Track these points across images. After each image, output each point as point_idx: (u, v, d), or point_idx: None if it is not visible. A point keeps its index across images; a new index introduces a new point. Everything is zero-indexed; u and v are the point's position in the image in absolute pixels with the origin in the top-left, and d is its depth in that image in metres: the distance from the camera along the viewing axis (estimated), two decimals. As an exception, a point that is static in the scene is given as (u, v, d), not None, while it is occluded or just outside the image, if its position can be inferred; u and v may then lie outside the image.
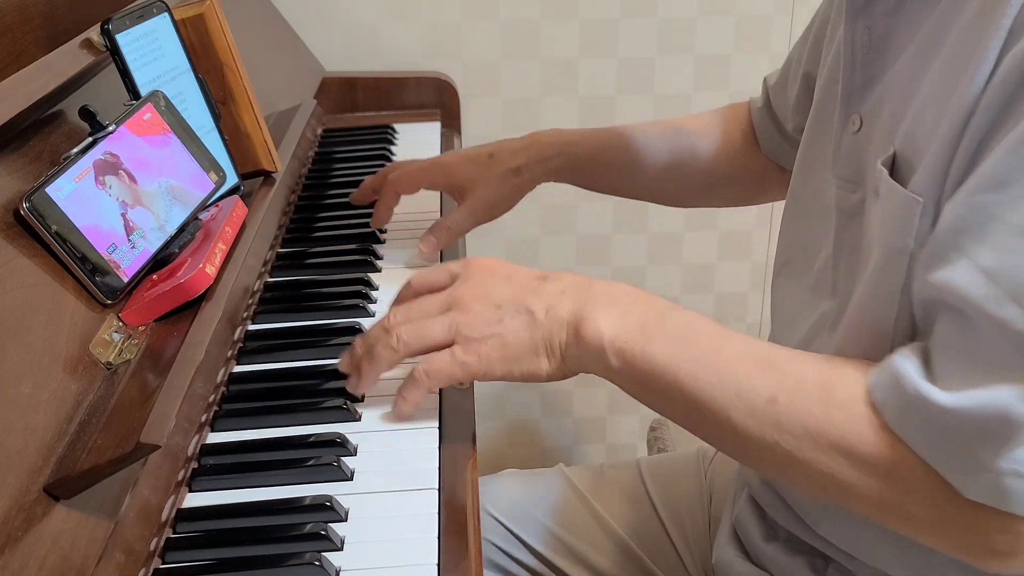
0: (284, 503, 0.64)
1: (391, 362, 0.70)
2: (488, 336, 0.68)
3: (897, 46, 0.67)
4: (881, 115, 0.67)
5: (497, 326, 0.68)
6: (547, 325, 0.68)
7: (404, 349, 0.69)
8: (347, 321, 0.86)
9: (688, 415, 0.66)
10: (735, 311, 1.72)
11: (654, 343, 0.65)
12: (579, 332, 0.66)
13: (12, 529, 0.51)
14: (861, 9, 0.68)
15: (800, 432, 0.60)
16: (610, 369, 0.66)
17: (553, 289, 0.69)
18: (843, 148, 0.72)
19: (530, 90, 1.53)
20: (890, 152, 0.64)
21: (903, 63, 0.66)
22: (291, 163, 1.07)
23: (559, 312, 0.68)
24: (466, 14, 1.48)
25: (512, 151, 1.00)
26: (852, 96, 0.71)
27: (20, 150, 0.68)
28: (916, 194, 0.59)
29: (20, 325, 0.59)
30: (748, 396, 0.62)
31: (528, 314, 0.68)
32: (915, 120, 0.62)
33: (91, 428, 0.59)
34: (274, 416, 0.74)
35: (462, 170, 1.00)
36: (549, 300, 0.68)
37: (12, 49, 0.73)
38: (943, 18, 0.62)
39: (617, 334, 0.66)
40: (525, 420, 1.77)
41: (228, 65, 0.88)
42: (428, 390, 0.70)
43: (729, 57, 1.54)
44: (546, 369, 0.68)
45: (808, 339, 0.77)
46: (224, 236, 0.77)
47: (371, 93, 1.43)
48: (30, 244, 0.63)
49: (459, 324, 0.68)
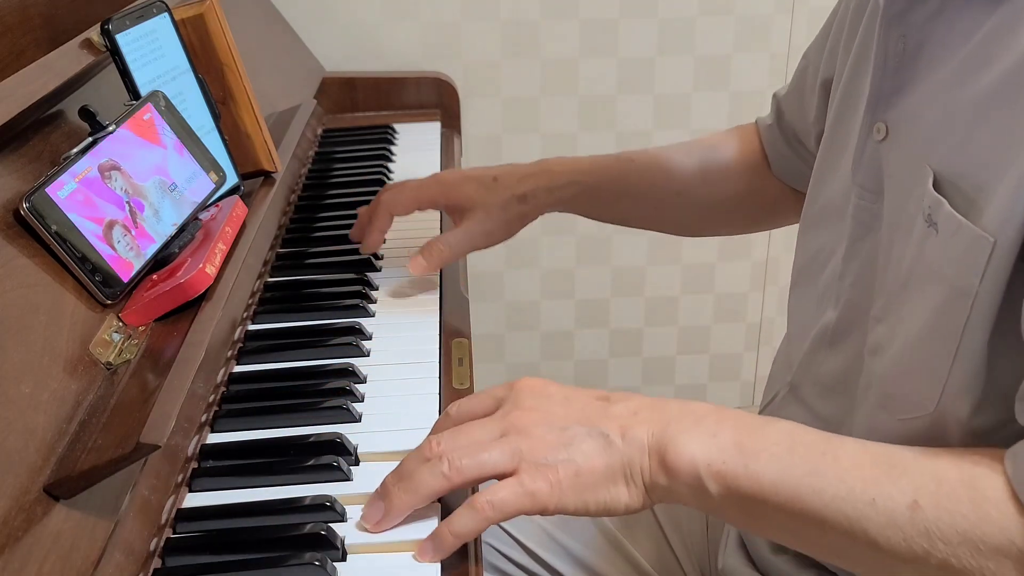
0: (284, 503, 0.64)
1: (437, 492, 0.60)
2: (559, 461, 0.59)
3: (932, 55, 0.64)
4: (912, 127, 0.65)
5: (567, 450, 0.59)
6: (625, 450, 0.60)
7: (458, 477, 0.59)
8: (347, 321, 0.86)
9: (811, 536, 0.59)
10: (735, 311, 1.72)
11: (758, 460, 0.58)
12: (666, 460, 0.59)
13: (12, 529, 0.51)
14: (897, 16, 0.65)
15: (955, 539, 0.54)
16: (708, 497, 0.59)
17: (623, 410, 0.62)
18: (866, 156, 0.69)
19: (530, 90, 1.53)
20: (929, 175, 0.61)
21: (943, 77, 0.63)
22: (291, 163, 1.07)
23: (637, 435, 0.60)
24: (466, 14, 1.48)
25: (519, 176, 0.94)
26: (879, 103, 0.68)
27: (20, 150, 0.68)
28: (987, 233, 0.56)
29: (20, 325, 0.59)
30: (885, 505, 0.56)
31: (602, 437, 0.60)
32: (964, 143, 0.59)
33: (91, 428, 0.59)
34: (274, 416, 0.74)
35: (463, 189, 0.92)
36: (623, 421, 0.61)
37: (12, 49, 0.73)
38: (995, 33, 0.58)
39: (712, 456, 0.59)
40: (525, 420, 1.77)
41: (228, 65, 0.88)
42: (488, 524, 0.59)
43: (729, 57, 1.54)
44: (625, 500, 0.60)
45: (813, 351, 0.76)
46: (224, 236, 0.77)
47: (371, 93, 1.43)
48: (30, 244, 0.63)
49: (523, 450, 0.59)
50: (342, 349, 0.82)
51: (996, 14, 0.59)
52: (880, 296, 0.68)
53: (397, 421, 0.74)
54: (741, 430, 0.60)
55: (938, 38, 0.64)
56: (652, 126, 1.57)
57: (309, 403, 0.75)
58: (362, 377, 0.79)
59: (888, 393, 0.66)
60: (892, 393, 0.66)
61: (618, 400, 0.63)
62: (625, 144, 1.57)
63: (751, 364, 1.77)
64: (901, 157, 0.66)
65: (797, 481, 0.58)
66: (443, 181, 0.94)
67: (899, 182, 0.66)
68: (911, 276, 0.64)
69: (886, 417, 0.66)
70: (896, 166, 0.66)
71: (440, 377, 0.80)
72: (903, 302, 0.65)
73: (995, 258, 0.56)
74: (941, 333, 0.60)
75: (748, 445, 0.59)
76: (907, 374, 0.63)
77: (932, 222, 0.60)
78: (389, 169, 1.23)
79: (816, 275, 0.77)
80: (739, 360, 1.76)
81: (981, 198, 0.57)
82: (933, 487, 0.56)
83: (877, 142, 0.68)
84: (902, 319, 0.65)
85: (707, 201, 0.99)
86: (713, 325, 1.73)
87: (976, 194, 0.58)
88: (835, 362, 0.73)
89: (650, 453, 0.60)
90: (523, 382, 0.64)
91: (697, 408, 0.62)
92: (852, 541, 0.57)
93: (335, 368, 0.79)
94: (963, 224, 0.58)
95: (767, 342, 1.75)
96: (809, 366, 0.77)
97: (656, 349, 1.73)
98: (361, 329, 0.85)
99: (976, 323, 0.58)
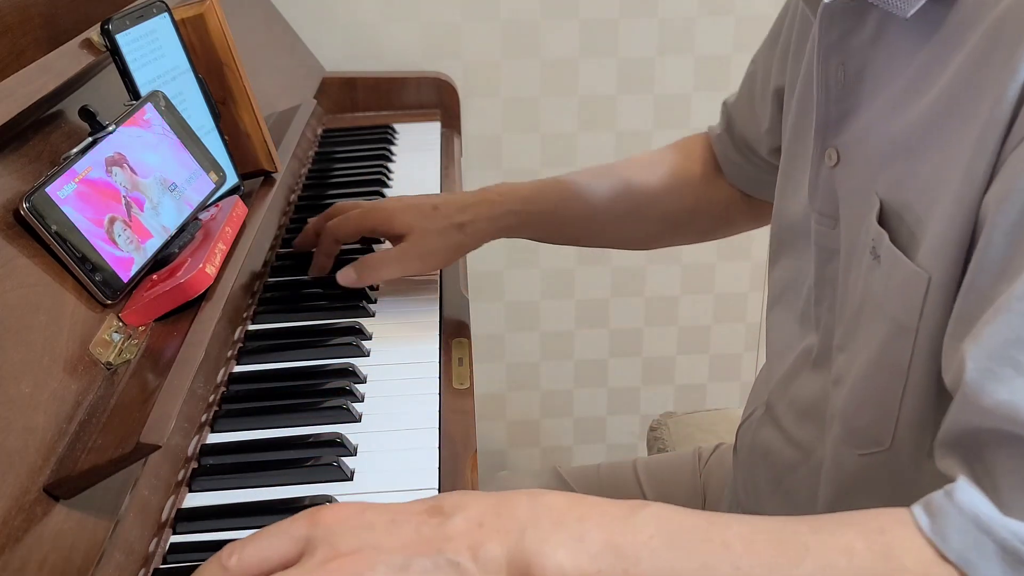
0: (284, 503, 0.65)
1: None
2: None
3: (875, 81, 0.63)
4: (860, 153, 0.64)
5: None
6: (480, 575, 0.49)
7: None
8: (347, 321, 0.86)
9: None
10: (735, 311, 1.72)
11: (639, 563, 0.50)
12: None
13: (12, 529, 0.51)
14: (835, 45, 0.65)
15: None
16: None
17: (464, 524, 0.50)
18: (820, 182, 0.69)
19: (530, 90, 1.53)
20: (876, 204, 0.60)
21: (883, 103, 0.62)
22: (291, 163, 1.07)
23: (491, 554, 0.49)
24: (466, 14, 1.48)
25: (459, 206, 0.93)
26: (828, 130, 0.67)
27: (20, 150, 0.68)
28: (923, 268, 0.55)
29: (20, 325, 0.59)
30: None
31: (451, 566, 0.49)
32: (905, 173, 0.59)
33: (91, 428, 0.59)
34: (274, 416, 0.74)
35: (403, 217, 0.92)
36: (469, 540, 0.50)
37: (12, 49, 0.73)
38: (928, 62, 0.58)
39: (584, 566, 0.49)
40: (525, 420, 1.77)
41: (228, 65, 0.88)
42: None
43: (729, 57, 1.54)
44: None
45: (792, 373, 0.76)
46: (224, 236, 0.77)
47: (371, 93, 1.43)
48: (30, 244, 0.63)
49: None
50: (342, 349, 0.82)
51: (930, 43, 0.58)
52: (840, 324, 0.68)
53: (397, 421, 0.74)
54: (610, 527, 0.51)
55: (879, 64, 0.63)
56: (652, 126, 1.57)
57: (309, 403, 0.75)
58: (362, 377, 0.79)
59: (849, 427, 0.66)
60: (852, 427, 0.65)
61: (452, 511, 0.51)
62: (625, 144, 1.57)
63: (751, 364, 1.77)
64: (852, 184, 0.65)
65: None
66: (385, 208, 0.94)
67: (852, 208, 0.65)
68: (862, 307, 0.63)
69: (849, 452, 0.66)
70: (848, 192, 0.66)
71: (440, 377, 0.80)
72: (856, 333, 0.65)
73: (931, 294, 0.55)
74: (889, 368, 0.59)
75: (622, 545, 0.50)
76: (862, 407, 0.63)
77: (876, 254, 0.60)
78: (389, 169, 1.23)
79: (795, 297, 0.76)
80: (739, 360, 1.76)
81: (919, 231, 0.57)
82: (843, 563, 0.49)
83: (830, 168, 0.67)
84: (856, 351, 0.64)
85: (658, 215, 0.97)
86: (713, 325, 1.73)
87: (916, 227, 0.57)
88: (813, 386, 0.73)
89: (509, 572, 0.49)
90: (327, 514, 0.51)
91: (552, 503, 0.52)
92: None
93: (335, 368, 0.79)
94: (899, 258, 0.57)
95: (767, 342, 1.75)
96: (787, 387, 0.77)
97: (656, 349, 1.73)
98: (361, 329, 0.85)
99: (920, 359, 0.57)
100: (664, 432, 1.21)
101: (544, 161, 1.57)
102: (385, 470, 0.68)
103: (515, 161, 1.57)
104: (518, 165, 1.57)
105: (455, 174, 1.25)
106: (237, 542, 0.50)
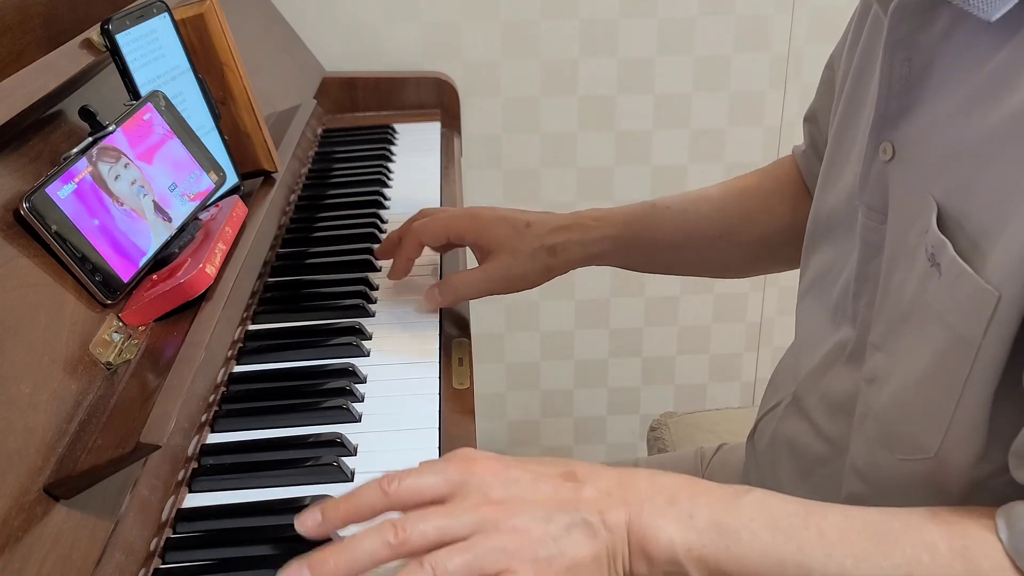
0: (284, 503, 0.64)
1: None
2: (551, 556, 0.55)
3: (941, 79, 0.61)
4: (918, 152, 0.63)
5: (556, 544, 0.55)
6: (607, 537, 0.56)
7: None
8: (347, 321, 0.86)
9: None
10: (735, 311, 1.72)
11: (740, 541, 0.56)
12: (646, 547, 0.56)
13: (12, 529, 0.51)
14: (903, 39, 0.63)
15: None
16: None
17: (595, 492, 0.58)
18: (872, 176, 0.67)
19: (530, 90, 1.53)
20: (933, 208, 0.59)
21: (950, 105, 0.60)
22: (291, 163, 1.07)
23: (616, 520, 0.57)
24: (466, 14, 1.48)
25: (553, 227, 0.89)
26: (885, 124, 0.66)
27: (20, 150, 0.68)
28: (991, 286, 0.54)
29: (20, 325, 0.59)
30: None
31: (586, 525, 0.56)
32: (970, 181, 0.57)
33: (91, 428, 0.59)
34: (274, 416, 0.74)
35: (495, 230, 0.89)
36: (599, 505, 0.57)
37: (12, 49, 0.73)
38: (1007, 67, 0.56)
39: (692, 540, 0.56)
40: (525, 420, 1.77)
41: (228, 65, 0.88)
42: None
43: (729, 57, 1.54)
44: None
45: (824, 366, 0.75)
46: (224, 236, 0.77)
47: (371, 93, 1.43)
48: (30, 244, 0.63)
49: (510, 549, 0.54)
50: (342, 349, 0.82)
51: (1008, 46, 0.56)
52: (878, 323, 0.67)
53: (397, 421, 0.74)
54: (717, 507, 0.57)
55: (946, 62, 0.61)
56: (652, 126, 1.57)
57: (309, 403, 0.75)
58: (362, 377, 0.79)
59: (889, 431, 0.65)
60: (893, 432, 0.65)
61: (586, 479, 0.59)
62: (625, 144, 1.57)
63: (751, 364, 1.77)
64: (906, 181, 0.64)
65: (782, 560, 0.56)
66: (476, 216, 0.90)
67: (903, 207, 0.64)
68: (912, 311, 0.62)
69: (887, 455, 0.65)
70: (901, 190, 0.64)
71: (440, 377, 0.80)
72: (902, 335, 0.64)
73: (1000, 312, 0.54)
74: (943, 380, 0.58)
75: (727, 524, 0.56)
76: (908, 415, 0.62)
77: (935, 262, 0.58)
78: (389, 169, 1.23)
79: (828, 289, 0.75)
80: (739, 360, 1.76)
81: (985, 243, 0.55)
82: (927, 559, 0.54)
83: (884, 162, 0.66)
84: (901, 354, 0.64)
85: (750, 240, 0.94)
86: (713, 325, 1.73)
87: (980, 239, 0.56)
88: (846, 381, 0.72)
89: (630, 540, 0.57)
90: (479, 465, 0.58)
91: (668, 483, 0.59)
92: None
93: (335, 368, 0.79)
94: (966, 272, 0.56)
95: (767, 342, 1.75)
96: (819, 380, 0.76)
97: (656, 349, 1.73)
98: (361, 329, 0.85)
99: (979, 374, 0.56)
100: (664, 432, 1.21)
101: (544, 161, 1.57)
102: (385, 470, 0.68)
103: (515, 161, 1.57)
104: (518, 165, 1.57)
105: (455, 174, 1.25)
106: (396, 472, 0.57)
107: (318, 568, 0.53)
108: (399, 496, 0.56)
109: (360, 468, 0.68)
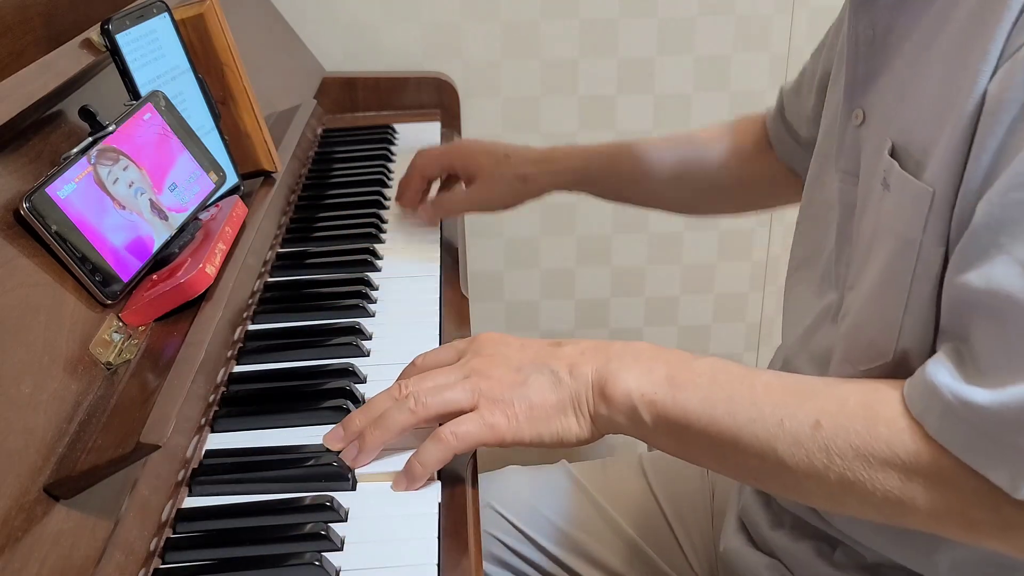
0: (284, 503, 0.64)
1: (405, 427, 0.67)
2: (515, 397, 0.66)
3: (899, 40, 0.67)
4: (881, 108, 0.68)
5: (521, 388, 0.66)
6: (572, 384, 0.67)
7: (423, 412, 0.66)
8: (347, 321, 0.86)
9: (730, 458, 0.64)
10: (735, 311, 1.72)
11: (684, 390, 0.65)
12: (606, 391, 0.66)
13: (12, 529, 0.51)
14: (864, 3, 0.69)
15: (849, 453, 0.59)
16: (643, 425, 0.66)
17: (571, 351, 0.69)
18: (846, 141, 0.72)
19: (530, 90, 1.53)
20: (888, 144, 0.64)
21: (903, 56, 0.66)
22: (291, 163, 1.07)
23: (583, 371, 0.67)
24: (466, 14, 1.48)
25: (527, 159, 1.06)
26: (855, 90, 0.71)
27: (20, 150, 0.68)
28: (928, 185, 0.60)
29: (20, 325, 0.59)
30: (791, 425, 0.61)
31: (552, 374, 0.67)
32: (915, 111, 0.63)
33: (91, 428, 0.59)
34: (274, 416, 0.74)
35: (478, 159, 1.07)
36: (571, 360, 0.68)
37: (12, 49, 0.73)
38: (942, 9, 0.62)
39: (645, 388, 0.65)
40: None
41: (228, 65, 0.88)
42: (452, 453, 0.66)
43: (729, 57, 1.54)
44: (576, 431, 0.67)
45: (812, 329, 0.77)
46: (224, 236, 0.77)
47: (371, 93, 1.43)
48: (30, 244, 0.63)
49: (482, 388, 0.66)
50: (342, 349, 0.82)
51: None
52: (851, 267, 0.71)
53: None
54: (673, 365, 0.67)
55: (904, 21, 0.66)
56: (652, 126, 1.57)
57: (309, 403, 0.75)
58: (362, 377, 0.79)
59: (851, 345, 0.69)
60: (855, 344, 0.69)
61: (567, 343, 0.70)
62: (625, 144, 1.57)
63: (751, 364, 1.77)
64: (876, 139, 0.68)
65: (715, 408, 0.63)
66: (467, 148, 1.10)
67: (870, 161, 0.69)
68: (873, 239, 0.67)
69: (850, 368, 0.69)
70: (871, 149, 0.69)
71: (440, 377, 0.80)
72: (866, 264, 0.68)
73: (935, 207, 0.59)
74: (893, 283, 0.63)
75: (677, 378, 0.65)
76: (867, 323, 0.67)
77: (887, 184, 0.64)
78: (389, 169, 1.23)
79: (814, 266, 0.79)
80: (739, 360, 1.76)
81: (926, 158, 0.61)
82: (835, 408, 0.61)
83: (856, 127, 0.71)
84: (864, 280, 0.68)
85: (708, 183, 1.06)
86: (713, 325, 1.73)
87: (922, 156, 0.61)
88: (830, 337, 0.75)
89: (593, 386, 0.66)
90: (482, 335, 0.71)
91: (638, 348, 0.69)
92: (763, 460, 0.62)
93: (335, 368, 0.79)
94: (909, 180, 0.61)
95: (767, 342, 1.75)
96: (807, 343, 0.78)
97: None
98: (361, 329, 0.85)
99: (922, 271, 0.61)
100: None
101: (544, 161, 1.57)
102: (385, 470, 0.68)
103: (515, 161, 1.57)
104: (518, 165, 1.57)
105: (455, 174, 1.24)
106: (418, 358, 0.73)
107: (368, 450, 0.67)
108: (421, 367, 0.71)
109: (360, 467, 0.68)
